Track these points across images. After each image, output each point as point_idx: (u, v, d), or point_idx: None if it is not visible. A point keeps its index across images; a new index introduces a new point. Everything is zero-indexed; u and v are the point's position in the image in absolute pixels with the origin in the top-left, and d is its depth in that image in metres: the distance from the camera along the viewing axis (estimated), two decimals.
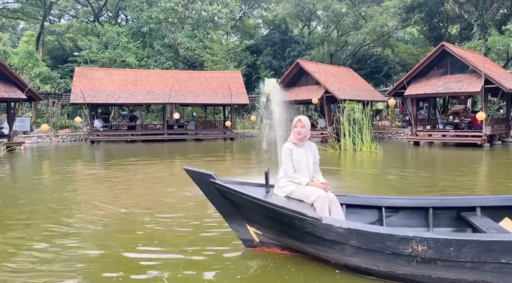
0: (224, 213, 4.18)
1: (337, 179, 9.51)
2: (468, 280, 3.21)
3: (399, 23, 36.10)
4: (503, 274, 3.11)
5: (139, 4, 32.80)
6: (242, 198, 3.82)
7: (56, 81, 31.26)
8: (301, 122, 4.17)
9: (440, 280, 3.27)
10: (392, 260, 3.33)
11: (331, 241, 3.49)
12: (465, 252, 3.13)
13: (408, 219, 4.46)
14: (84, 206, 6.47)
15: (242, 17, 46.27)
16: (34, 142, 22.55)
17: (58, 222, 5.46)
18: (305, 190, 4.03)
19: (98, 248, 4.44)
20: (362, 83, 26.42)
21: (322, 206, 3.89)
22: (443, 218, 4.43)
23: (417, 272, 3.30)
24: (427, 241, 3.20)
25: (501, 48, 27.42)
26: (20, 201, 6.83)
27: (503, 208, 4.31)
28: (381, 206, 4.47)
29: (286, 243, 4.01)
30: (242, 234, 4.20)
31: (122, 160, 13.63)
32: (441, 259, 3.20)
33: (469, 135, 17.72)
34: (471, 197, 4.74)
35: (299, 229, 3.61)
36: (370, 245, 3.34)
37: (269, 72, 37.01)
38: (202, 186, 4.02)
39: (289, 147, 4.18)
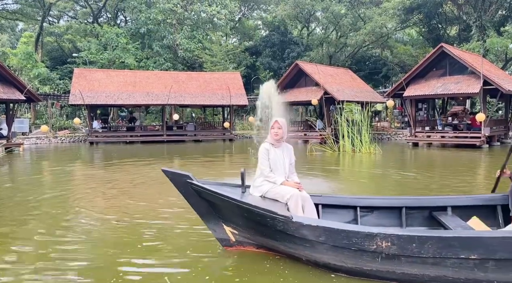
0: (201, 213, 4.24)
1: (335, 180, 9.52)
2: (430, 276, 3.28)
3: (398, 25, 36.17)
4: (462, 269, 3.20)
5: (138, 5, 32.81)
6: (218, 198, 3.88)
7: (55, 82, 31.23)
8: (278, 123, 4.27)
9: (404, 275, 3.33)
10: (358, 257, 3.41)
11: (301, 239, 3.57)
12: (427, 248, 3.21)
13: (383, 219, 4.56)
14: (73, 210, 6.45)
15: (241, 19, 46.31)
16: (33, 143, 22.52)
17: (50, 227, 5.44)
18: (280, 189, 4.12)
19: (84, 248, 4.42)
20: (361, 85, 26.44)
21: (295, 205, 3.98)
22: (416, 217, 4.54)
23: (382, 268, 3.37)
24: (391, 237, 3.28)
25: (499, 49, 27.46)
26: (13, 202, 6.81)
27: (472, 208, 4.44)
28: (356, 206, 4.58)
29: (261, 241, 4.09)
30: (218, 234, 4.26)
31: (121, 161, 13.62)
32: (404, 255, 3.27)
33: (468, 136, 17.74)
34: (442, 197, 4.95)
35: (271, 227, 3.68)
36: (338, 242, 3.42)
37: (268, 73, 37.02)
38: (179, 186, 4.09)
39: (266, 147, 4.27)
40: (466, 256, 3.18)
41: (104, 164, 13.25)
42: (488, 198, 4.56)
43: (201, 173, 10.79)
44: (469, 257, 3.18)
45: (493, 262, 3.17)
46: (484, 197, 4.65)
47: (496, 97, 18.48)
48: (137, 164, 12.59)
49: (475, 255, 3.17)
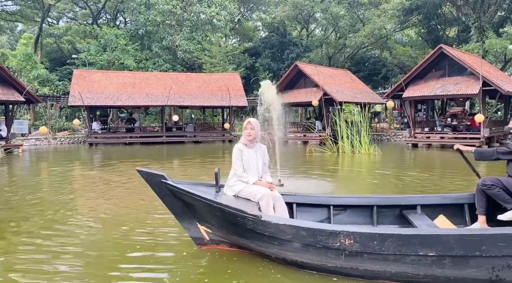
0: (176, 212, 4.31)
1: (334, 181, 9.52)
2: (391, 272, 3.38)
3: (397, 26, 36.21)
4: (421, 266, 3.31)
5: (137, 6, 32.81)
6: (191, 198, 3.95)
7: (55, 83, 31.23)
8: (250, 124, 4.37)
9: (367, 272, 3.44)
10: (323, 254, 3.51)
11: (270, 237, 3.66)
12: (387, 246, 3.31)
13: (355, 217, 4.68)
14: (64, 213, 6.44)
15: (241, 20, 46.34)
16: (32, 144, 22.50)
17: (46, 228, 5.44)
18: (252, 189, 4.20)
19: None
20: (360, 86, 26.46)
21: (266, 204, 4.07)
22: (387, 215, 4.66)
23: (346, 264, 3.47)
24: (353, 235, 3.38)
25: (498, 50, 27.51)
26: (12, 204, 6.80)
27: (440, 206, 4.58)
28: (330, 205, 4.69)
29: (233, 240, 4.18)
30: (193, 233, 4.32)
31: (120, 162, 13.61)
32: (366, 252, 3.37)
33: (467, 137, 17.75)
34: (412, 196, 5.10)
35: (242, 226, 3.78)
36: (304, 240, 3.52)
37: (267, 74, 37.06)
38: (154, 186, 4.15)
39: (239, 147, 4.37)
40: (425, 253, 3.28)
41: (103, 165, 13.23)
42: (456, 197, 4.70)
43: (200, 174, 10.79)
44: (427, 254, 3.28)
45: (449, 259, 3.27)
46: (452, 196, 4.79)
47: (495, 98, 18.50)
48: (136, 165, 12.58)
49: (433, 252, 3.27)
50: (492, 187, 4.19)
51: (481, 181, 4.31)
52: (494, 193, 4.18)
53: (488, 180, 4.28)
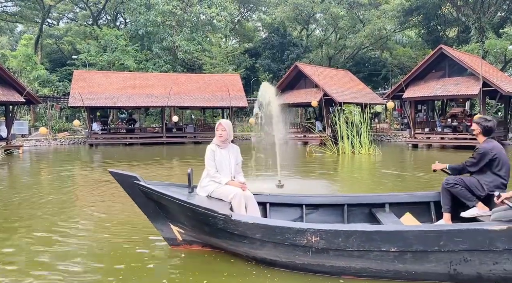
0: (148, 213, 4.36)
1: (334, 181, 9.52)
2: (356, 268, 3.49)
3: (397, 26, 36.22)
4: (384, 261, 3.42)
5: (137, 7, 32.83)
6: (164, 198, 4.01)
7: (55, 84, 31.24)
8: (221, 126, 4.45)
9: (333, 268, 3.54)
10: (291, 251, 3.59)
11: (240, 236, 3.74)
12: (351, 242, 3.43)
13: (327, 216, 4.78)
14: (65, 215, 6.44)
15: (241, 20, 46.37)
16: (33, 145, 22.50)
17: (46, 229, 5.43)
18: (224, 189, 4.28)
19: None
20: (360, 86, 26.46)
21: (238, 204, 4.15)
22: (357, 214, 4.78)
23: (313, 261, 3.56)
24: (319, 232, 3.48)
25: (498, 51, 27.50)
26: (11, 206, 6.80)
27: (408, 204, 4.73)
28: (302, 204, 4.79)
29: (206, 240, 4.24)
30: (165, 233, 4.36)
31: (120, 163, 13.61)
32: (332, 248, 3.48)
33: (467, 138, 17.74)
34: (381, 194, 5.19)
35: (213, 226, 3.84)
36: (272, 238, 3.60)
37: (267, 75, 37.05)
38: (127, 187, 4.20)
39: (212, 148, 4.44)
40: (387, 249, 3.39)
41: (103, 166, 13.23)
42: (422, 195, 4.85)
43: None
44: (390, 250, 3.39)
45: (410, 254, 3.38)
46: (418, 194, 4.94)
47: (496, 99, 18.50)
48: (136, 166, 12.58)
49: (395, 248, 3.38)
50: (455, 186, 4.36)
51: (445, 180, 4.48)
52: (457, 191, 4.34)
53: (452, 178, 4.44)
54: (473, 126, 4.65)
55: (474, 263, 3.36)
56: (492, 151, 4.34)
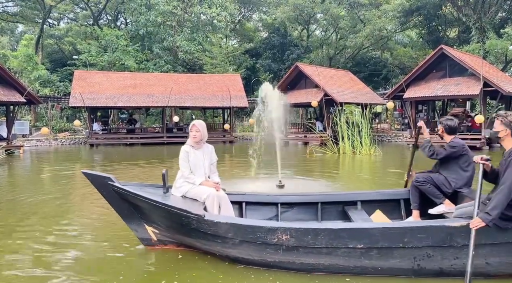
0: (123, 214, 4.38)
1: (335, 181, 9.51)
2: (324, 264, 3.61)
3: (397, 27, 36.21)
4: (351, 258, 3.54)
5: (138, 7, 32.84)
6: (138, 199, 4.04)
7: (55, 84, 31.24)
8: (195, 127, 4.53)
9: (303, 265, 3.64)
10: (263, 249, 3.67)
11: (213, 235, 3.80)
12: (320, 240, 3.53)
13: (301, 214, 4.89)
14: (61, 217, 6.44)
15: (241, 21, 46.37)
16: (33, 145, 22.51)
17: (43, 232, 5.43)
18: (198, 189, 4.33)
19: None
20: (361, 86, 26.45)
21: (212, 204, 4.22)
22: (331, 212, 4.90)
23: (284, 259, 3.65)
24: (290, 230, 3.57)
25: (499, 51, 27.48)
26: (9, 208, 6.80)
27: (379, 202, 4.87)
28: (277, 203, 4.88)
29: (180, 239, 4.28)
30: (140, 234, 4.39)
31: (121, 163, 13.61)
32: (302, 246, 3.57)
33: (468, 138, 17.72)
34: (353, 192, 5.35)
35: (187, 225, 3.89)
36: (245, 237, 3.67)
37: (268, 75, 37.05)
38: (101, 188, 4.22)
39: (186, 149, 4.49)
40: (354, 246, 3.50)
41: (104, 166, 13.23)
42: (393, 193, 4.99)
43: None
44: (356, 247, 3.50)
45: (376, 251, 3.50)
46: (389, 192, 5.10)
47: (496, 99, 18.49)
48: (136, 166, 12.58)
49: (361, 245, 3.49)
50: (424, 183, 4.52)
51: (415, 178, 4.66)
52: (426, 188, 4.50)
53: (421, 176, 4.60)
54: (438, 126, 4.85)
55: (437, 259, 3.50)
56: (463, 147, 4.56)
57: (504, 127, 3.55)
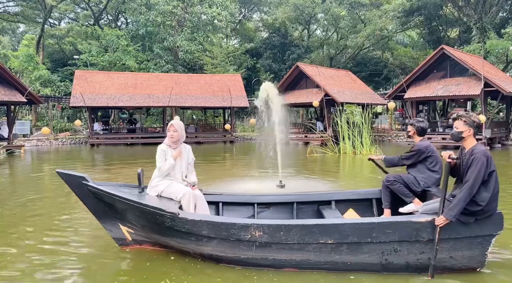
0: (97, 214, 4.40)
1: (335, 181, 9.51)
2: (296, 260, 3.70)
3: (398, 27, 36.17)
4: (322, 253, 3.65)
5: (138, 7, 32.85)
6: (113, 199, 4.06)
7: (56, 84, 31.26)
8: (173, 127, 4.54)
9: (275, 261, 3.72)
10: (236, 246, 3.74)
11: (187, 233, 3.84)
12: (292, 236, 3.61)
13: (278, 213, 4.97)
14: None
15: (242, 20, 46.35)
16: (34, 145, 22.53)
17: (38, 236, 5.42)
18: (174, 188, 4.35)
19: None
20: (361, 86, 26.43)
21: (187, 203, 4.24)
22: (306, 211, 5.00)
23: (257, 255, 3.73)
24: (263, 227, 3.64)
25: (500, 51, 27.44)
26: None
27: (353, 201, 5.00)
28: (254, 203, 4.94)
29: (155, 239, 4.28)
30: (115, 234, 4.41)
31: (121, 163, 13.62)
32: (274, 242, 3.65)
33: None
34: (327, 192, 5.46)
35: (161, 224, 3.91)
36: (218, 234, 3.72)
37: (269, 75, 37.04)
38: (74, 188, 4.23)
39: (163, 148, 4.53)
40: (324, 241, 3.61)
41: (104, 166, 13.24)
42: (365, 193, 5.12)
43: (202, 175, 10.78)
44: (327, 242, 3.61)
45: (346, 246, 3.62)
46: (362, 191, 5.22)
47: (497, 99, 18.46)
48: (137, 165, 12.58)
49: (332, 240, 3.60)
50: (394, 183, 4.65)
51: (385, 177, 4.77)
52: (396, 188, 4.63)
53: (391, 176, 4.73)
54: (408, 128, 4.95)
55: (403, 253, 3.61)
56: (427, 149, 4.69)
57: (467, 127, 3.71)
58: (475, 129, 3.72)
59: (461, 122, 3.74)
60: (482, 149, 3.61)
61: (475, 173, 3.48)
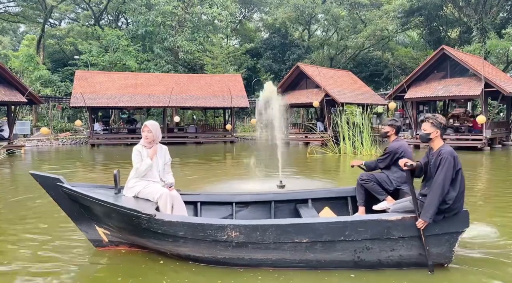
0: (73, 216, 4.36)
1: (336, 181, 9.50)
2: (272, 259, 3.75)
3: (398, 27, 36.18)
4: (297, 251, 3.71)
5: (138, 7, 32.86)
6: (88, 200, 4.03)
7: (57, 84, 31.27)
8: (147, 127, 4.51)
9: (252, 260, 3.77)
10: (213, 247, 3.77)
11: (164, 234, 3.84)
12: (268, 235, 3.66)
13: (256, 212, 5.01)
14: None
15: (242, 21, 46.37)
16: (34, 145, 22.55)
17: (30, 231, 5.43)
18: (151, 189, 4.33)
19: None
20: (362, 87, 26.42)
21: (164, 204, 4.22)
22: (284, 210, 5.05)
23: (234, 255, 3.77)
24: (239, 227, 3.68)
25: (500, 51, 27.46)
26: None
27: (329, 199, 5.09)
28: (232, 202, 4.98)
29: (132, 240, 4.28)
30: (91, 235, 4.38)
31: (121, 163, 13.61)
32: (251, 242, 3.69)
33: (469, 138, 17.71)
34: (304, 191, 5.50)
35: (138, 225, 3.90)
36: (195, 235, 3.74)
37: (269, 75, 37.04)
38: (49, 189, 4.19)
39: (138, 149, 4.50)
40: (299, 240, 3.67)
41: (104, 166, 13.25)
42: (340, 191, 5.25)
43: (202, 175, 10.78)
44: (302, 241, 3.67)
45: (320, 244, 3.69)
46: (338, 190, 5.37)
47: (498, 100, 18.46)
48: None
49: (306, 239, 3.66)
50: (368, 181, 4.78)
51: (359, 176, 4.90)
52: (370, 186, 4.76)
53: (365, 175, 4.87)
54: (386, 129, 5.11)
55: (375, 251, 3.71)
56: (399, 149, 4.88)
57: (434, 129, 3.80)
58: (442, 130, 3.83)
59: (428, 124, 3.84)
60: (449, 149, 3.72)
61: (444, 172, 3.59)
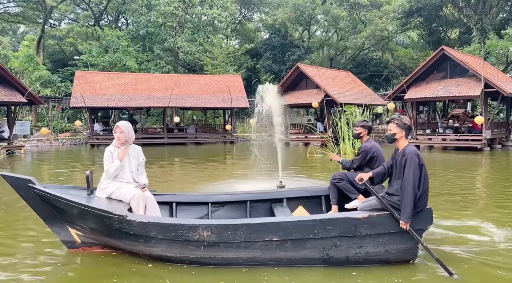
0: (45, 217, 4.33)
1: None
2: (243, 258, 3.80)
3: (398, 27, 36.19)
4: (268, 250, 3.77)
5: (139, 8, 32.87)
6: (60, 201, 4.02)
7: (56, 85, 31.28)
8: (119, 128, 4.54)
9: (223, 260, 3.81)
10: (185, 247, 3.79)
11: (136, 235, 3.85)
12: (239, 234, 3.71)
13: (232, 212, 5.03)
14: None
15: (242, 21, 46.39)
16: (34, 145, 22.54)
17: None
18: (123, 190, 4.30)
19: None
20: (362, 87, 26.44)
21: (137, 204, 4.20)
22: (259, 209, 5.08)
23: (205, 255, 3.81)
24: (210, 227, 3.72)
25: (500, 52, 27.46)
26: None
27: (302, 198, 5.16)
28: (208, 202, 5.00)
29: (104, 241, 4.27)
30: (63, 236, 4.35)
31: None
32: (222, 241, 3.74)
33: (469, 139, 17.71)
34: (279, 190, 5.59)
35: (109, 226, 3.90)
36: (167, 235, 3.75)
37: (269, 76, 37.07)
38: (21, 190, 4.16)
39: (110, 149, 4.50)
40: (270, 239, 3.72)
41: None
42: (314, 190, 5.35)
43: (201, 175, 10.78)
44: (272, 239, 3.73)
45: (290, 242, 3.76)
46: (312, 189, 5.45)
47: (497, 100, 18.46)
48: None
49: (277, 237, 3.73)
50: (340, 180, 4.90)
51: (332, 175, 5.00)
52: (342, 185, 4.88)
53: (337, 174, 4.98)
54: (359, 129, 5.25)
55: (343, 248, 3.80)
56: (371, 149, 5.01)
57: (399, 129, 3.94)
58: (407, 131, 3.95)
59: (394, 125, 3.96)
60: (413, 148, 3.85)
61: (411, 171, 3.72)
